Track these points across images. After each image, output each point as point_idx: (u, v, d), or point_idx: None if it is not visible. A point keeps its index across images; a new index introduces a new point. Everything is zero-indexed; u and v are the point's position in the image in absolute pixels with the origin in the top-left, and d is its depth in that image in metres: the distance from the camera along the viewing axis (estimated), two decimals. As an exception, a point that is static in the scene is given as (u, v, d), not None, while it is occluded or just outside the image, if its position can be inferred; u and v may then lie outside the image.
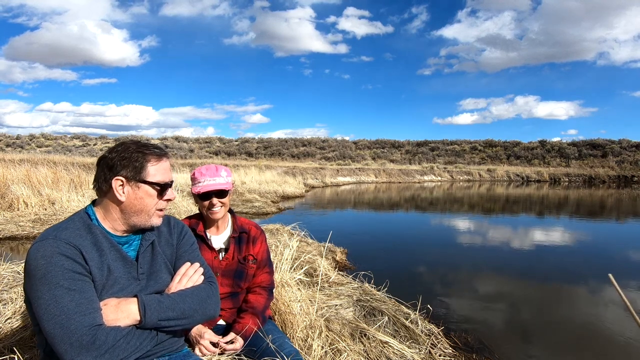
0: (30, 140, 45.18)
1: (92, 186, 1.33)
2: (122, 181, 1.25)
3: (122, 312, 1.19)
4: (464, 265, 5.61)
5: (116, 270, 1.25)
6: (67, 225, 1.22)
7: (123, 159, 1.25)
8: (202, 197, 1.87)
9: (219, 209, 1.88)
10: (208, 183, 1.86)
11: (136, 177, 1.26)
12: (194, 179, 1.90)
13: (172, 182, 1.36)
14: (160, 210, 1.34)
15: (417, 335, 2.79)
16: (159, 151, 1.33)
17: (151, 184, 1.28)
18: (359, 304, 3.20)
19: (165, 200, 1.34)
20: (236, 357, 1.69)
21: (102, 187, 1.27)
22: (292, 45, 77.57)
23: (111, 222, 1.29)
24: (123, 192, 1.26)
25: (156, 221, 1.33)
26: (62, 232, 1.17)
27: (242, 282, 1.94)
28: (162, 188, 1.31)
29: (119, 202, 1.27)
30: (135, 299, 1.23)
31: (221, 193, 1.87)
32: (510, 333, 3.32)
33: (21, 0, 63.38)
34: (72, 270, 1.12)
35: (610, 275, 1.44)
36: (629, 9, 60.91)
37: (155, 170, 1.29)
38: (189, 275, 1.39)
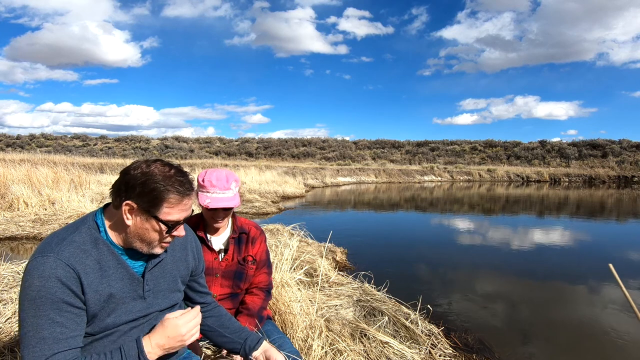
0: (31, 140, 45.20)
1: (108, 191, 1.24)
2: (132, 207, 1.18)
3: None
4: (464, 265, 5.61)
5: (119, 292, 1.20)
6: (73, 237, 1.16)
7: (143, 185, 1.16)
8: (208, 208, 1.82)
9: (223, 220, 1.87)
10: (217, 196, 1.78)
11: (148, 209, 1.18)
12: (202, 186, 1.81)
13: (188, 217, 1.27)
14: (166, 243, 1.27)
15: (417, 336, 2.79)
16: (184, 190, 1.20)
17: (160, 221, 1.20)
18: (359, 304, 3.20)
19: (173, 235, 1.26)
20: (236, 357, 1.70)
21: (115, 201, 1.20)
22: (293, 45, 77.61)
23: (118, 237, 1.24)
24: (130, 217, 1.19)
25: (158, 251, 1.26)
26: (67, 247, 1.12)
27: (242, 283, 1.94)
28: (171, 227, 1.22)
29: (125, 224, 1.21)
30: None
31: (229, 207, 1.83)
32: (511, 333, 3.32)
33: (23, 1, 63.53)
34: (63, 300, 1.08)
35: (611, 265, 1.44)
36: (627, 10, 60.91)
37: (171, 210, 1.19)
38: None
